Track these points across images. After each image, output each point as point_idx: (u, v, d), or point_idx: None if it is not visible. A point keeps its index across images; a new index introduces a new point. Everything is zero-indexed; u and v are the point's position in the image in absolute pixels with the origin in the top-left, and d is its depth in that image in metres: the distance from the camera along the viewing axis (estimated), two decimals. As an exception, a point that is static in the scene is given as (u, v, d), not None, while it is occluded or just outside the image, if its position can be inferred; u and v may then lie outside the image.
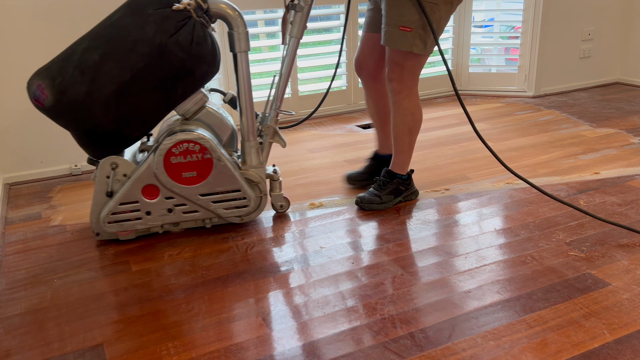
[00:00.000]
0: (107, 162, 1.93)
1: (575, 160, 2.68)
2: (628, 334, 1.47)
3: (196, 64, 1.85)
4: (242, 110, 2.03)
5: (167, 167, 1.93)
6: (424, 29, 1.99)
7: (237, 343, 1.49)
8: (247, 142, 2.05)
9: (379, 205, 2.23)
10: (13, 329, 1.59)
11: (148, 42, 1.78)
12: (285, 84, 2.11)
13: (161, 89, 1.84)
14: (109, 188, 1.94)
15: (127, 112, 1.84)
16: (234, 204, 2.05)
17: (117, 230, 1.99)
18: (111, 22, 1.83)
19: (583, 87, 4.06)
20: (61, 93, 1.79)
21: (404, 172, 2.26)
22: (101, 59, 1.78)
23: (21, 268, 1.91)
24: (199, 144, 1.93)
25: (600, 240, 1.94)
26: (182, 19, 1.80)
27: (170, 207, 1.99)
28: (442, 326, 1.53)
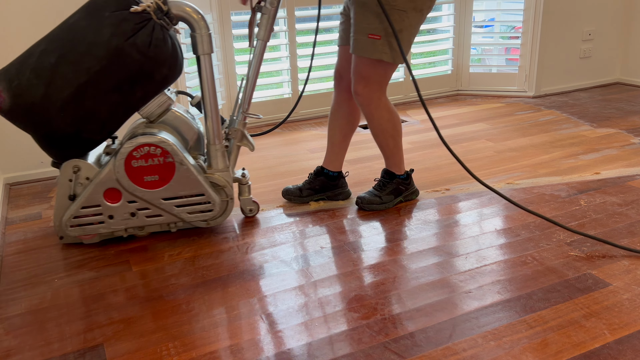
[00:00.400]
0: (69, 165, 1.91)
1: (576, 161, 2.68)
2: (629, 334, 1.47)
3: (155, 67, 1.83)
4: (206, 113, 2.00)
5: (128, 171, 1.91)
6: (393, 37, 1.96)
7: (237, 343, 1.49)
8: (213, 146, 2.02)
9: (379, 206, 2.23)
10: (13, 329, 1.59)
11: (104, 44, 1.76)
12: (253, 87, 2.07)
13: (119, 92, 1.82)
14: (71, 191, 1.92)
15: (85, 115, 1.82)
16: (198, 208, 2.02)
17: (80, 234, 1.98)
18: (68, 24, 1.81)
19: (583, 87, 4.06)
20: (17, 96, 1.78)
21: (401, 171, 2.25)
22: (57, 62, 1.77)
23: (21, 268, 1.91)
24: (161, 148, 1.90)
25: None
26: (141, 21, 1.78)
27: (133, 211, 1.97)
28: (442, 326, 1.53)
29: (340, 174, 2.34)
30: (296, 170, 2.70)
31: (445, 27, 3.89)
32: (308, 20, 3.56)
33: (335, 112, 2.27)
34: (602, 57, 4.05)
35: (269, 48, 3.39)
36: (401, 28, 1.95)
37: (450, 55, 3.93)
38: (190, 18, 1.87)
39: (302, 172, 2.67)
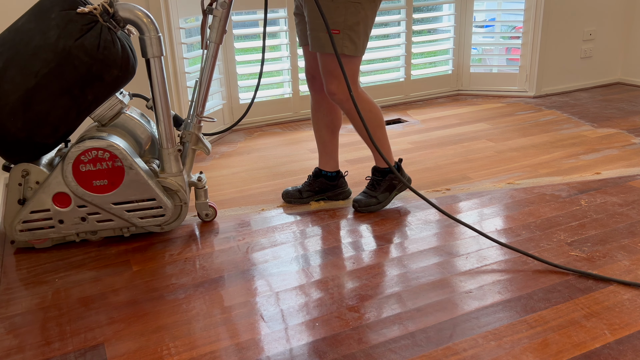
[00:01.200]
0: (18, 169, 1.89)
1: (577, 161, 2.68)
2: (629, 334, 1.47)
3: (105, 69, 1.81)
4: (158, 117, 1.97)
5: (76, 175, 1.88)
6: (352, 30, 1.94)
7: (237, 343, 1.49)
8: (165, 150, 2.00)
9: (377, 206, 2.22)
10: (14, 329, 1.59)
11: (51, 47, 1.74)
12: (207, 89, 2.05)
13: (69, 95, 1.80)
14: (21, 195, 1.90)
15: (36, 120, 1.80)
16: (150, 213, 1.99)
17: (30, 239, 1.96)
18: (16, 27, 1.80)
19: (584, 87, 4.05)
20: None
21: (392, 162, 2.21)
22: (4, 66, 1.75)
23: (22, 267, 1.91)
24: (109, 152, 1.88)
25: (601, 241, 1.94)
26: (88, 23, 1.76)
27: (84, 216, 1.95)
28: (443, 326, 1.53)
29: (339, 174, 2.33)
30: (296, 170, 2.70)
31: (446, 27, 3.89)
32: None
33: (316, 112, 2.26)
34: (603, 57, 4.05)
35: (270, 48, 3.39)
36: (358, 20, 1.93)
37: (450, 55, 3.93)
38: (138, 20, 1.85)
39: (302, 172, 2.67)
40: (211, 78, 2.05)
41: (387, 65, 3.80)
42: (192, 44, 3.16)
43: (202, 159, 2.91)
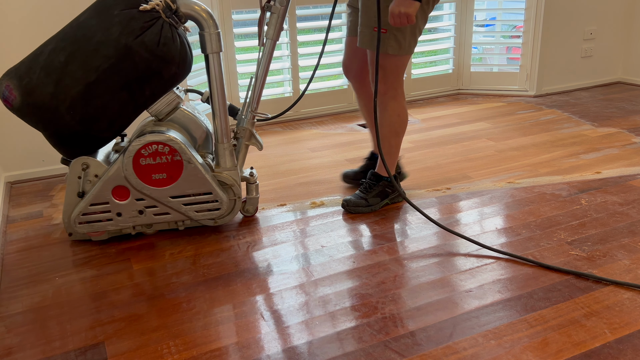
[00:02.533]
0: (78, 163, 1.92)
1: (577, 160, 2.68)
2: (629, 334, 1.47)
3: (163, 65, 1.83)
4: (214, 111, 2.00)
5: (136, 169, 1.91)
6: (398, 30, 1.97)
7: (238, 341, 1.49)
8: (220, 144, 2.02)
9: (365, 209, 2.21)
10: (15, 327, 1.59)
11: (113, 43, 1.77)
12: (262, 86, 2.07)
13: (127, 90, 1.83)
14: (80, 188, 1.93)
15: (94, 113, 1.82)
16: (206, 207, 2.02)
17: (88, 231, 1.98)
18: (78, 23, 1.82)
19: (585, 87, 4.05)
20: (28, 94, 1.79)
21: (393, 172, 2.24)
22: (66, 60, 1.77)
23: (23, 266, 1.91)
24: (169, 146, 1.91)
25: (601, 240, 1.94)
26: (149, 20, 1.79)
27: (141, 209, 1.97)
28: (443, 325, 1.53)
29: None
30: (297, 169, 2.70)
31: (447, 26, 3.89)
32: (310, 19, 3.56)
33: (359, 99, 2.34)
34: (604, 56, 4.05)
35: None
36: None
37: (451, 55, 3.92)
38: (199, 16, 1.88)
39: (303, 171, 2.67)
40: (266, 74, 2.08)
41: None
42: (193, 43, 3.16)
43: (203, 158, 2.90)
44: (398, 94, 2.11)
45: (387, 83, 2.08)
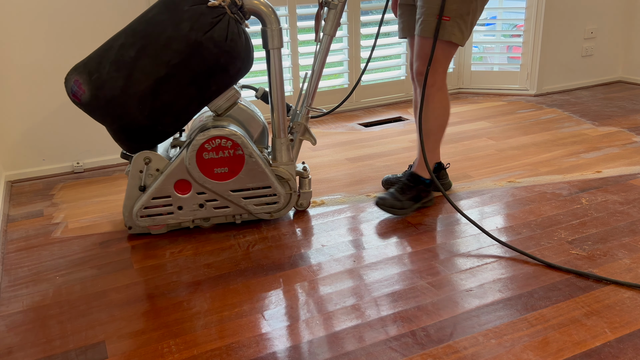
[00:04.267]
0: (140, 157, 1.95)
1: (577, 159, 2.68)
2: (630, 333, 1.47)
3: (230, 61, 1.86)
4: (273, 106, 2.04)
5: (199, 163, 1.95)
6: (462, 19, 1.99)
7: (238, 341, 1.49)
8: (278, 139, 2.06)
9: (399, 211, 2.16)
10: (15, 327, 1.59)
11: (183, 38, 1.79)
12: (318, 81, 2.11)
13: (195, 85, 1.86)
14: (142, 182, 1.97)
15: (162, 108, 1.86)
16: (265, 201, 2.06)
17: (149, 225, 2.02)
18: (147, 18, 1.85)
19: (585, 86, 4.05)
20: (98, 89, 1.81)
21: (427, 175, 2.19)
22: (137, 55, 1.80)
23: (23, 265, 1.91)
24: (231, 140, 1.94)
25: (602, 239, 1.94)
26: (217, 16, 1.81)
27: (202, 203, 2.01)
28: (443, 324, 1.53)
29: (440, 165, 2.33)
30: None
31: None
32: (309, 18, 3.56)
33: (418, 102, 2.29)
34: (604, 55, 4.04)
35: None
36: (469, 10, 1.98)
37: (451, 54, 3.92)
38: (262, 12, 1.91)
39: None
40: (322, 70, 2.11)
41: (388, 63, 3.80)
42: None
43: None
44: (444, 85, 2.12)
45: (437, 74, 2.08)
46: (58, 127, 2.67)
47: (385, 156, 2.81)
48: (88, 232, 2.13)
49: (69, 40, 2.58)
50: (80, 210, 2.32)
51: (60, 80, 2.61)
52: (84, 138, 2.73)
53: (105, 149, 2.79)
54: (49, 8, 2.51)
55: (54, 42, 2.55)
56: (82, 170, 2.76)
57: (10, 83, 2.55)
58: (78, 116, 2.69)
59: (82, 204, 2.38)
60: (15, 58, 2.53)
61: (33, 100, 2.60)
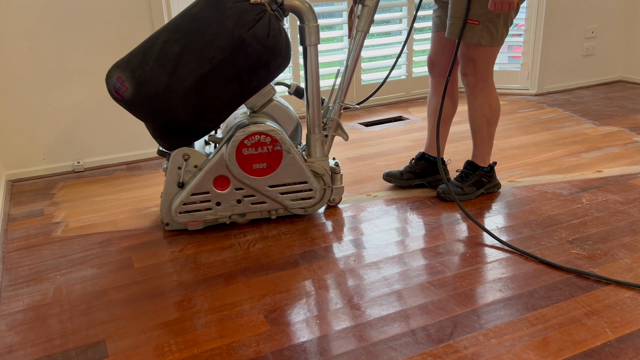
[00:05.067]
0: (179, 154, 1.97)
1: (578, 159, 2.68)
2: (630, 333, 1.47)
3: (272, 57, 1.88)
4: (309, 103, 2.06)
5: (238, 159, 1.97)
6: (491, 22, 2.01)
7: (238, 340, 1.49)
8: (313, 135, 2.09)
9: (461, 197, 2.25)
10: (15, 325, 1.59)
11: (227, 35, 1.81)
12: (351, 77, 2.13)
13: (237, 82, 1.88)
14: (181, 179, 1.98)
15: (204, 104, 1.87)
16: (300, 196, 2.09)
17: (188, 221, 2.04)
18: (190, 15, 1.86)
19: (586, 85, 4.05)
20: (141, 85, 1.83)
21: (486, 164, 2.27)
22: (181, 52, 1.81)
23: (24, 264, 1.91)
24: (270, 136, 1.97)
25: (602, 239, 1.94)
26: (259, 13, 1.84)
27: (240, 198, 2.04)
28: (443, 324, 1.53)
29: (442, 161, 2.34)
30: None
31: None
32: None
33: (432, 97, 2.35)
34: (605, 55, 4.04)
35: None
36: (499, 14, 2.00)
37: (452, 53, 3.92)
38: (301, 9, 1.94)
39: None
40: (355, 67, 2.13)
41: (388, 62, 3.79)
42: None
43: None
44: (488, 84, 2.14)
45: (477, 75, 2.11)
46: (58, 126, 2.67)
47: (386, 155, 2.81)
48: (88, 232, 2.13)
49: (70, 40, 2.58)
50: (81, 210, 2.32)
51: (60, 79, 2.61)
52: (84, 137, 2.73)
53: (106, 149, 2.79)
54: (50, 8, 2.51)
55: (54, 41, 2.55)
56: (82, 170, 2.76)
57: (11, 82, 2.55)
58: (78, 115, 2.70)
59: (82, 203, 2.38)
60: (15, 57, 2.53)
61: (33, 99, 2.60)
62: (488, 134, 2.22)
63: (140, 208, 2.32)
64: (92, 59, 2.64)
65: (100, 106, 2.72)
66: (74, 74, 2.63)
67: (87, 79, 2.66)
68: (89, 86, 2.67)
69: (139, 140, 2.84)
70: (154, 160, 2.86)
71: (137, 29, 2.67)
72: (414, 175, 2.38)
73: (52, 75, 2.60)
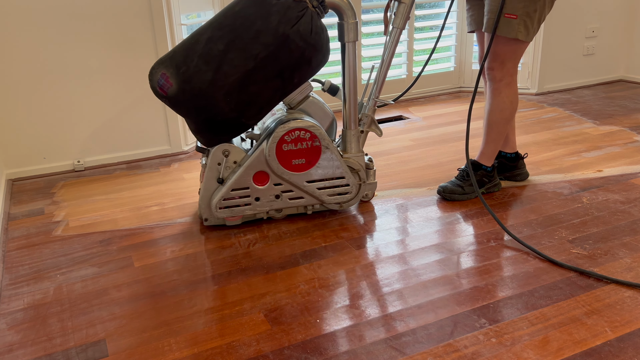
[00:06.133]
0: (219, 150, 1.99)
1: (579, 158, 2.68)
2: (630, 332, 1.47)
3: (314, 54, 1.90)
4: (346, 99, 2.08)
5: (278, 154, 2.00)
6: (528, 16, 2.02)
7: (239, 339, 1.49)
8: (349, 131, 2.11)
9: (461, 196, 2.26)
10: (16, 324, 1.59)
11: (272, 31, 1.82)
12: (385, 74, 2.15)
13: (280, 78, 1.89)
14: (220, 175, 2.00)
15: (248, 100, 1.89)
16: (337, 191, 2.12)
17: (227, 216, 2.06)
18: (234, 12, 1.87)
19: (586, 85, 4.04)
20: (186, 82, 1.84)
21: (490, 163, 2.28)
22: (226, 48, 1.83)
23: (24, 263, 1.92)
24: (310, 132, 1.99)
25: (603, 238, 1.94)
26: (301, 10, 1.85)
27: (278, 194, 2.06)
28: (444, 323, 1.53)
29: (518, 155, 2.41)
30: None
31: (448, 23, 3.89)
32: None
33: (486, 95, 2.35)
34: (606, 54, 4.04)
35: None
36: (536, 8, 2.02)
37: (452, 52, 3.92)
38: (341, 6, 1.96)
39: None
40: (390, 63, 2.15)
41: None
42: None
43: (204, 155, 2.90)
44: (513, 80, 2.16)
45: (504, 69, 2.12)
46: (59, 125, 2.68)
47: (386, 155, 2.81)
48: (89, 230, 2.13)
49: (70, 40, 2.58)
50: (81, 209, 2.32)
51: (60, 79, 2.61)
52: (84, 136, 2.73)
53: (106, 148, 2.79)
54: (51, 8, 2.51)
55: (54, 41, 2.55)
56: (82, 169, 2.76)
57: (11, 82, 2.55)
58: (79, 115, 2.70)
59: (82, 202, 2.39)
60: (15, 57, 2.53)
61: (33, 99, 2.60)
62: (502, 132, 2.23)
63: (141, 207, 2.32)
64: (92, 59, 2.64)
65: (100, 105, 2.72)
66: (74, 73, 2.63)
67: (87, 79, 2.66)
68: (89, 86, 2.67)
69: (139, 139, 2.84)
70: (154, 159, 2.87)
71: (137, 28, 2.67)
72: None
73: (52, 74, 2.60)
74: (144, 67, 2.73)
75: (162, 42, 2.72)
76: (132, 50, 2.69)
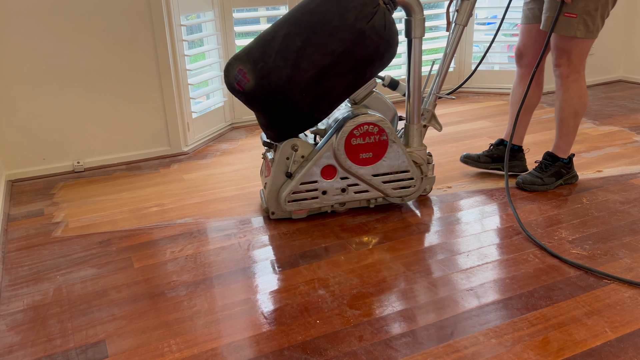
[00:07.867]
0: (288, 145, 2.03)
1: (578, 158, 2.68)
2: (630, 332, 1.47)
3: (387, 49, 1.93)
4: (410, 93, 2.11)
5: (347, 148, 2.03)
6: (589, 15, 2.05)
7: (239, 340, 1.49)
8: (412, 125, 2.15)
9: (541, 187, 2.31)
10: (16, 325, 1.59)
11: (348, 27, 1.85)
12: (447, 70, 2.18)
13: (354, 73, 1.92)
14: (289, 169, 2.03)
15: (322, 96, 1.91)
16: (401, 184, 2.15)
17: (295, 209, 2.09)
18: (310, 9, 1.90)
19: (586, 85, 4.04)
20: (263, 77, 1.87)
21: (566, 155, 2.32)
22: (303, 45, 1.85)
23: (24, 264, 1.91)
24: (378, 126, 2.02)
25: (602, 239, 1.94)
26: (375, 6, 1.88)
27: (344, 187, 2.09)
28: (444, 324, 1.53)
29: (520, 148, 2.47)
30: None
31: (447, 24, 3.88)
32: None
33: (517, 86, 2.42)
34: (605, 54, 4.04)
35: None
36: (597, 6, 2.05)
37: (452, 53, 3.92)
38: (410, 3, 1.99)
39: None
40: (452, 59, 2.19)
41: None
42: (194, 41, 3.16)
43: (203, 155, 2.91)
44: (580, 76, 2.19)
45: (571, 66, 2.16)
46: (58, 126, 2.67)
47: (386, 155, 2.81)
48: (88, 231, 2.13)
49: (70, 40, 2.58)
50: (81, 210, 2.32)
51: (60, 79, 2.61)
52: (84, 137, 2.73)
53: (106, 149, 2.79)
54: (50, 8, 2.51)
55: (54, 41, 2.55)
56: (82, 170, 2.76)
57: (11, 82, 2.55)
58: (79, 115, 2.69)
59: (82, 203, 2.38)
60: (15, 57, 2.53)
61: (33, 99, 2.60)
62: (574, 126, 2.26)
63: (140, 208, 2.32)
64: (92, 59, 2.64)
65: (100, 106, 2.72)
66: (74, 73, 2.63)
67: (87, 79, 2.66)
68: (88, 86, 2.67)
69: (139, 140, 2.84)
70: (153, 160, 2.86)
71: (136, 29, 2.67)
72: (490, 160, 2.47)
73: (52, 75, 2.60)
74: (143, 67, 2.73)
75: (162, 43, 2.72)
76: (132, 51, 2.69)
